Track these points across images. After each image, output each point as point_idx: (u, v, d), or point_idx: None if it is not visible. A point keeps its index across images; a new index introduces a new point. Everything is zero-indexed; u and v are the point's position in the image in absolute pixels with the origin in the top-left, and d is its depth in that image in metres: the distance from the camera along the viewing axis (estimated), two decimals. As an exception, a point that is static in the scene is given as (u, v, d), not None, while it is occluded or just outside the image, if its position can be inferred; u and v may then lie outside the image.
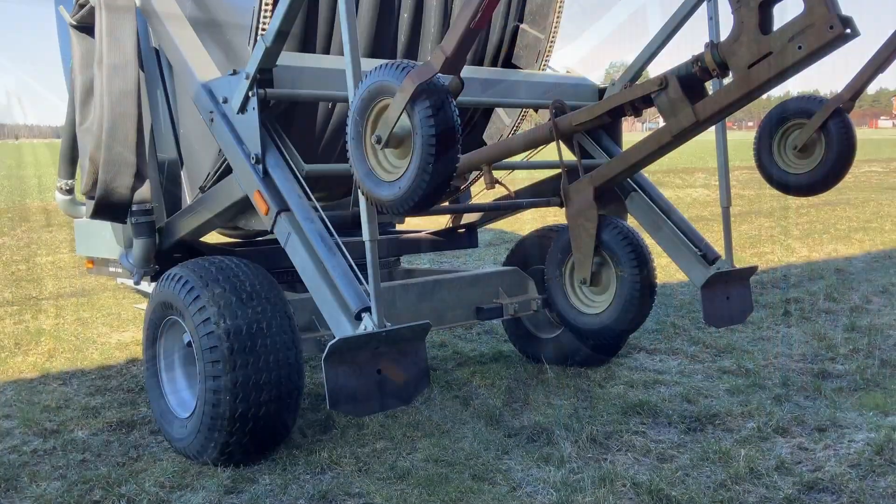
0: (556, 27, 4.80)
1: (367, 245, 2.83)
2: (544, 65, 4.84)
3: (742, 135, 46.86)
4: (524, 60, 4.88)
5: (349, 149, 2.68)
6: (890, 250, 9.48)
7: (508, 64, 4.95)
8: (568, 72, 4.93)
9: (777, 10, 2.52)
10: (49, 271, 9.16)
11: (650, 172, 4.37)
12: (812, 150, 3.60)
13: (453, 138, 2.39)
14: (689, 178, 20.85)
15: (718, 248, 4.09)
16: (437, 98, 2.36)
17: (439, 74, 2.39)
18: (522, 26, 4.90)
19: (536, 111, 4.77)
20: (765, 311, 6.35)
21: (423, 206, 2.51)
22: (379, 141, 2.54)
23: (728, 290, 4.03)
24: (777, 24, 2.48)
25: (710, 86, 3.11)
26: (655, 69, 3.39)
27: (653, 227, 4.25)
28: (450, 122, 2.38)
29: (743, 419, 3.96)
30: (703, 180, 20.00)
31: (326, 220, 3.20)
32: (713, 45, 2.59)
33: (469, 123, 4.98)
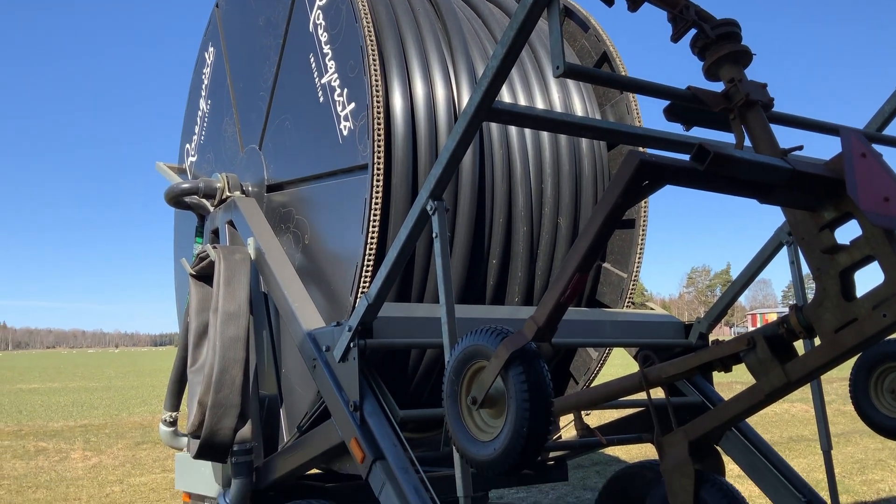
0: (638, 266, 4.99)
1: (462, 501, 2.87)
2: (628, 301, 4.99)
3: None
4: (608, 297, 5.05)
5: (445, 406, 2.79)
6: None
7: (593, 300, 5.12)
8: (652, 308, 5.05)
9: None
10: (142, 494, 9.31)
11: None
12: (911, 395, 3.51)
13: (546, 402, 2.48)
14: (784, 390, 20.00)
15: (822, 476, 3.91)
16: (529, 365, 2.49)
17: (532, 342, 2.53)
18: (605, 265, 5.12)
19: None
20: (883, 553, 5.86)
21: (517, 467, 2.55)
22: (474, 402, 2.65)
23: (839, 542, 3.80)
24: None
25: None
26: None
27: (751, 468, 4.12)
28: (542, 388, 2.48)
29: None
30: (800, 394, 19.12)
31: (418, 464, 3.26)
32: (798, 309, 2.67)
33: (556, 358, 5.09)
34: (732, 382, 17.63)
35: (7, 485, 9.99)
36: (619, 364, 9.41)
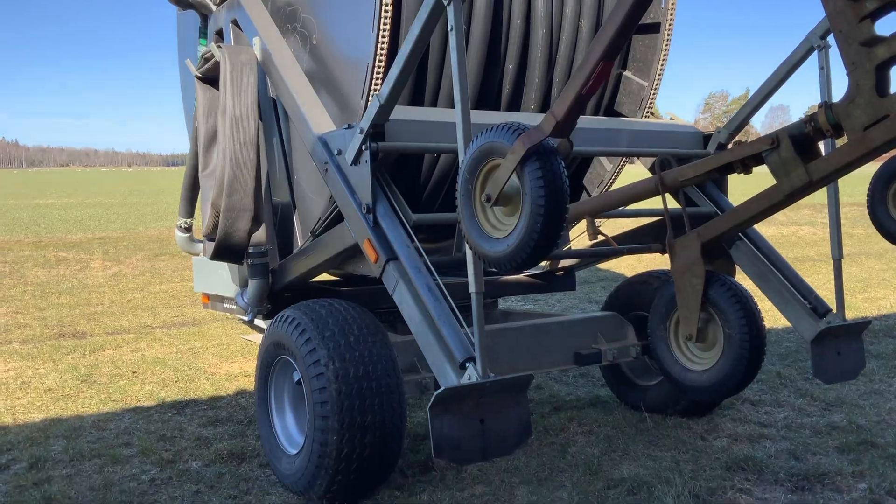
0: (659, 74, 4.80)
1: (473, 297, 2.91)
2: (648, 111, 4.85)
3: (850, 168, 44.80)
4: (626, 107, 4.91)
5: (458, 205, 2.77)
6: None
7: (610, 111, 4.98)
8: (672, 118, 4.92)
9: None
10: (162, 300, 9.66)
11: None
12: (930, 204, 3.47)
13: (562, 199, 2.44)
14: (793, 214, 20.14)
15: (826, 294, 3.98)
16: (546, 161, 2.43)
17: (549, 138, 2.46)
18: (626, 73, 4.93)
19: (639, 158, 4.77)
20: (877, 361, 6.07)
21: (530, 263, 2.57)
22: (489, 199, 2.62)
23: (839, 346, 3.91)
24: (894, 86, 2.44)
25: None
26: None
27: (759, 276, 4.17)
28: (558, 184, 2.44)
29: (854, 479, 3.81)
30: (808, 217, 19.29)
31: (432, 267, 3.30)
32: (827, 106, 2.57)
33: (569, 168, 5.03)
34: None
35: (31, 290, 10.37)
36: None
